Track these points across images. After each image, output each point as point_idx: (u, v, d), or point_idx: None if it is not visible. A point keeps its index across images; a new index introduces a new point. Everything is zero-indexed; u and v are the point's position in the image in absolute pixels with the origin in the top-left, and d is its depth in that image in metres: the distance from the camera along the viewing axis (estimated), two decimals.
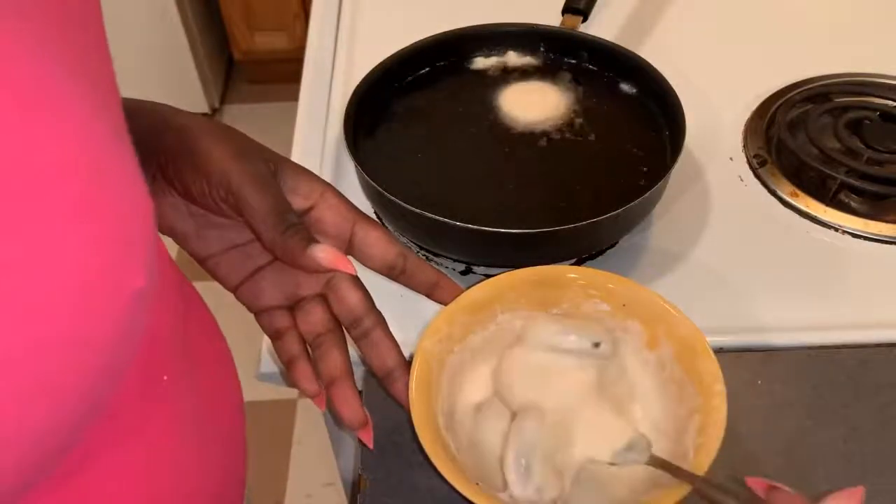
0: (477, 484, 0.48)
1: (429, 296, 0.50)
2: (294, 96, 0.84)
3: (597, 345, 0.53)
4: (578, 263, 0.66)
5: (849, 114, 0.76)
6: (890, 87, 0.80)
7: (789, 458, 0.55)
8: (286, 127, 0.82)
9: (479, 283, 0.58)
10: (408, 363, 0.50)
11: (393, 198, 0.61)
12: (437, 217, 0.59)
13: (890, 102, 0.77)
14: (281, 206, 0.43)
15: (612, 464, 0.50)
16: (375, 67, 0.72)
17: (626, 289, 0.56)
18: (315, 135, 0.79)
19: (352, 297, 0.48)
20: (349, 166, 0.72)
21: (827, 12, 0.93)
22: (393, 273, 0.48)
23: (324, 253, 0.42)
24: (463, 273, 0.66)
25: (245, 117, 2.24)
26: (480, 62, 0.77)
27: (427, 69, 0.76)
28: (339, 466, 0.73)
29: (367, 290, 0.49)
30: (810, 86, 0.80)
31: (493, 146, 0.70)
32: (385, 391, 0.50)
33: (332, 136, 0.78)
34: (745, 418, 0.55)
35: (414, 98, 0.74)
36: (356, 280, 0.48)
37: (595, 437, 0.51)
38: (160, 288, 0.37)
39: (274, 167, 0.45)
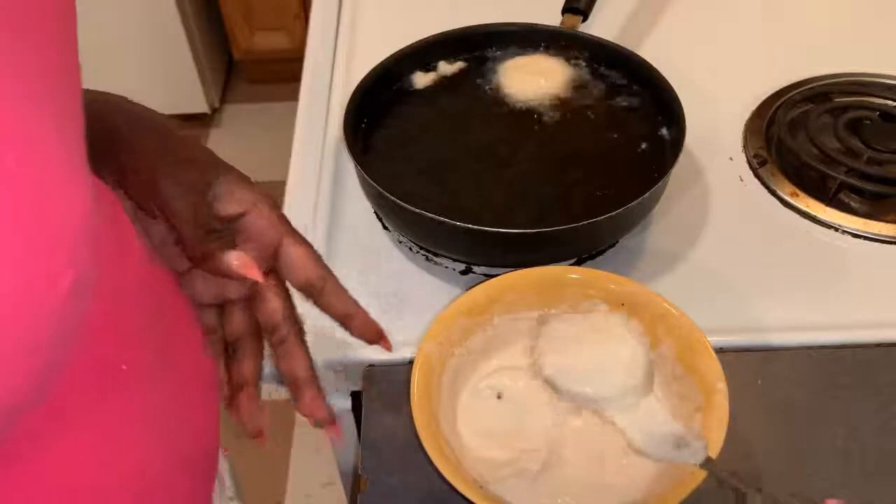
0: (480, 487, 0.48)
1: (342, 325, 0.50)
2: (294, 96, 0.84)
3: None
4: (578, 263, 0.66)
5: (849, 114, 0.76)
6: (890, 87, 0.80)
7: (789, 458, 0.55)
8: (286, 127, 0.82)
9: (478, 283, 0.58)
10: (316, 378, 0.50)
11: (393, 198, 0.61)
12: (437, 217, 0.59)
13: (890, 102, 0.77)
14: (203, 214, 0.45)
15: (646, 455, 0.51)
16: (375, 67, 0.72)
17: (626, 289, 0.56)
18: (315, 135, 0.79)
19: (272, 304, 0.49)
20: (349, 166, 0.72)
21: (827, 12, 0.93)
22: (311, 293, 0.49)
23: (236, 259, 0.44)
24: (463, 273, 0.66)
25: (245, 117, 2.24)
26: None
27: (426, 69, 0.76)
28: (339, 466, 0.73)
29: (290, 299, 0.50)
30: (810, 86, 0.80)
31: (493, 146, 0.70)
32: (293, 402, 0.50)
33: (332, 136, 0.78)
34: (745, 418, 0.55)
35: (414, 98, 0.74)
36: (280, 288, 0.49)
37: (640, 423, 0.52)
38: (121, 282, 0.38)
39: (211, 177, 0.47)
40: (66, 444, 0.34)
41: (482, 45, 0.77)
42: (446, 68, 0.76)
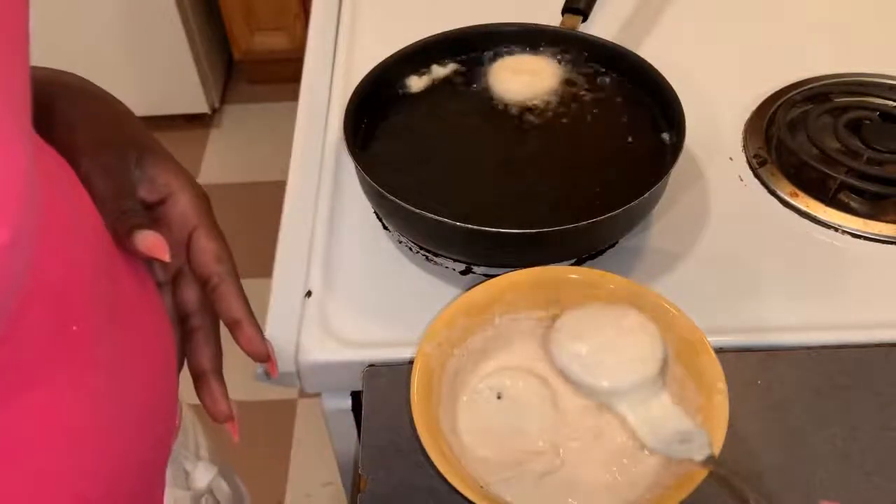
0: (481, 487, 0.48)
1: (229, 330, 0.50)
2: (294, 96, 0.84)
3: None
4: (578, 263, 0.66)
5: (849, 114, 0.76)
6: (890, 87, 0.80)
7: (789, 458, 0.55)
8: (286, 127, 0.82)
9: (478, 283, 0.58)
10: (220, 372, 0.50)
11: (393, 198, 0.61)
12: (437, 217, 0.59)
13: (890, 102, 0.77)
14: (121, 194, 0.46)
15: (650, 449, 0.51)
16: (375, 67, 0.72)
17: (625, 289, 0.56)
18: (315, 135, 0.79)
19: (187, 294, 0.50)
20: (349, 166, 0.72)
21: (827, 12, 0.93)
22: (206, 289, 0.49)
23: (142, 239, 0.44)
24: (463, 273, 0.66)
25: (245, 117, 2.24)
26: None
27: (427, 69, 0.76)
28: (339, 466, 0.73)
29: (204, 292, 0.50)
30: (810, 86, 0.80)
31: (493, 146, 0.70)
32: (197, 394, 0.51)
33: (332, 136, 0.78)
34: (745, 418, 0.55)
35: (413, 99, 0.74)
36: (197, 278, 0.50)
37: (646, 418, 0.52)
38: (72, 244, 0.39)
39: (138, 155, 0.47)
40: (15, 404, 0.35)
41: (481, 45, 0.77)
42: (446, 70, 0.76)
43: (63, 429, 0.38)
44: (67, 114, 0.47)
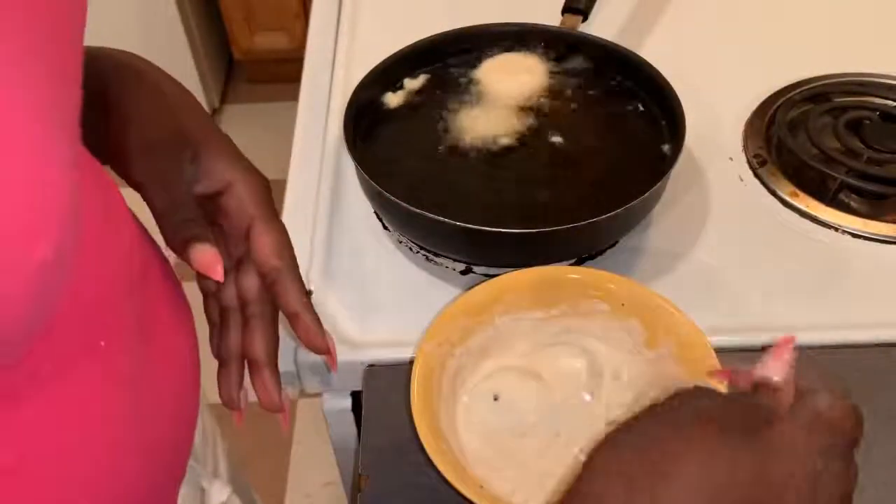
0: (481, 486, 0.48)
1: (289, 322, 0.50)
2: (294, 96, 0.84)
3: None
4: (578, 263, 0.66)
5: (849, 114, 0.76)
6: (890, 87, 0.80)
7: None
8: (286, 127, 0.82)
9: (479, 283, 0.58)
10: (275, 362, 0.50)
11: (393, 198, 0.61)
12: (437, 217, 0.59)
13: (890, 102, 0.77)
14: (176, 203, 0.45)
15: None
16: (375, 67, 0.72)
17: (625, 289, 0.56)
18: (315, 135, 0.79)
19: (248, 281, 0.50)
20: (349, 166, 0.72)
21: (827, 12, 0.93)
22: (265, 282, 0.49)
23: (196, 254, 0.44)
24: (463, 273, 0.66)
25: (245, 117, 2.24)
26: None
27: (428, 69, 0.76)
28: (339, 466, 0.73)
29: (263, 280, 0.50)
30: (810, 86, 0.80)
31: (494, 146, 0.70)
32: (251, 382, 0.51)
33: (332, 136, 0.78)
34: None
35: (413, 98, 0.74)
36: (256, 269, 0.50)
37: None
38: (105, 254, 0.39)
39: (192, 152, 0.47)
40: (39, 410, 0.35)
41: (479, 45, 0.77)
42: (442, 72, 0.76)
43: (84, 431, 0.38)
44: (121, 105, 0.46)
